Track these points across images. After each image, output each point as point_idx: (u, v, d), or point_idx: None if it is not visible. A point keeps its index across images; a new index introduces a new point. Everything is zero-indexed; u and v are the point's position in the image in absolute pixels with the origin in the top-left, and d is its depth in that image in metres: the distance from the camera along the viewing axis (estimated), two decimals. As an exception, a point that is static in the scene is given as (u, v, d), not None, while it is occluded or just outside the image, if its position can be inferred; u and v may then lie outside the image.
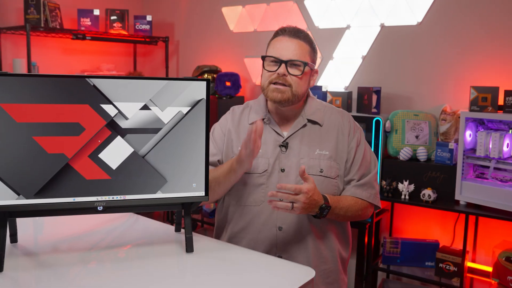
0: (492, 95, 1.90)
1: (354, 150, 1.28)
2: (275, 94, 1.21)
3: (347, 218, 1.27)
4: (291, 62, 1.20)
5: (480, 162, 1.97)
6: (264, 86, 1.24)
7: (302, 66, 1.21)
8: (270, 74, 1.22)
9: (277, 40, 1.24)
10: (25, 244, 1.09)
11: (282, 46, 1.22)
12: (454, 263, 2.00)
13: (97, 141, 1.00)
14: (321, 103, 1.33)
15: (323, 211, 1.17)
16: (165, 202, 1.06)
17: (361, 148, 1.29)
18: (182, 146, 1.05)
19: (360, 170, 1.28)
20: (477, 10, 2.16)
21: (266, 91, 1.24)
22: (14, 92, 0.94)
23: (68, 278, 0.94)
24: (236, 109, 1.37)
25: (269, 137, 1.27)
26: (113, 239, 1.18)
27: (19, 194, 0.96)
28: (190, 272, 1.02)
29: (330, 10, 2.61)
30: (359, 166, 1.28)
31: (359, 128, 1.33)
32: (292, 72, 1.21)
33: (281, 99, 1.21)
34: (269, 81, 1.22)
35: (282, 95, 1.21)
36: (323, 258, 1.26)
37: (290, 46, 1.21)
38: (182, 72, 3.40)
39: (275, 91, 1.21)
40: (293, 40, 1.22)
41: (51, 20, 2.74)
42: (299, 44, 1.22)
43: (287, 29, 1.24)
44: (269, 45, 1.26)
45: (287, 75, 1.20)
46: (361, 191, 1.27)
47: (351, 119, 1.33)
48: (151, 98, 1.03)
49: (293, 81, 1.21)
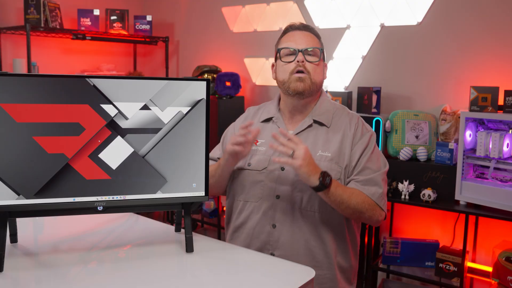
0: (492, 95, 1.90)
1: (360, 154, 1.23)
2: (298, 84, 1.23)
3: (350, 205, 1.16)
4: (307, 51, 1.24)
5: (480, 162, 1.97)
6: (285, 79, 1.26)
7: (318, 53, 1.26)
8: (289, 65, 1.25)
9: (289, 34, 1.29)
10: (25, 244, 1.09)
11: (295, 38, 1.26)
12: (454, 263, 2.00)
13: (97, 141, 1.00)
14: (333, 105, 1.32)
15: (325, 179, 1.11)
16: (165, 202, 1.05)
17: (368, 151, 1.24)
18: (182, 146, 1.05)
19: (364, 172, 1.22)
20: (477, 10, 2.16)
21: (288, 83, 1.25)
22: (14, 92, 0.94)
23: (68, 278, 0.94)
24: (251, 109, 1.42)
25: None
26: (113, 239, 1.18)
27: (19, 194, 0.95)
28: (190, 272, 1.02)
29: (330, 10, 2.61)
30: (362, 169, 1.22)
31: (368, 131, 1.28)
32: (310, 59, 1.24)
33: (304, 88, 1.23)
34: (290, 72, 1.25)
35: (304, 84, 1.23)
36: (317, 262, 1.22)
37: (302, 37, 1.26)
38: (182, 72, 3.40)
39: (298, 80, 1.23)
40: (304, 32, 1.28)
41: (51, 20, 2.74)
42: (310, 35, 1.28)
43: (296, 24, 1.29)
44: (280, 42, 1.30)
45: (305, 62, 1.24)
46: (364, 187, 1.20)
47: (360, 121, 1.30)
48: (151, 98, 1.03)
49: (311, 69, 1.24)
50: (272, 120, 1.32)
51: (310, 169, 1.12)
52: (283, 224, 1.23)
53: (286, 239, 1.23)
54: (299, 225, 1.23)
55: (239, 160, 1.24)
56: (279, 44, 1.30)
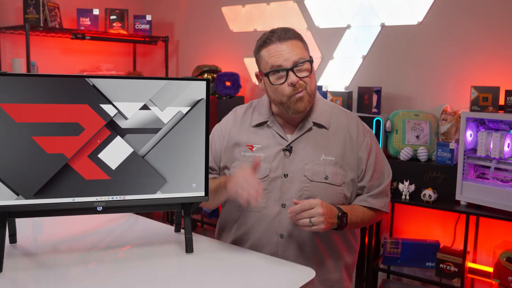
0: (493, 95, 1.89)
1: (366, 158, 1.22)
2: (298, 105, 1.16)
3: (363, 224, 1.24)
4: (296, 68, 1.14)
5: (481, 162, 1.96)
6: (283, 101, 1.16)
7: (307, 65, 1.16)
8: (283, 87, 1.15)
9: (271, 49, 1.16)
10: (25, 245, 1.09)
11: (278, 54, 1.14)
12: (455, 263, 2.00)
13: (96, 141, 1.00)
14: (328, 104, 1.28)
15: (342, 220, 1.12)
16: (164, 202, 1.05)
17: (373, 153, 1.24)
18: (182, 146, 1.05)
19: (374, 176, 1.23)
20: (478, 9, 2.15)
21: (287, 104, 1.16)
22: (13, 92, 0.93)
23: (67, 278, 0.94)
24: (239, 110, 1.33)
25: (272, 141, 1.23)
26: (112, 239, 1.17)
27: (18, 194, 0.95)
28: (190, 272, 1.01)
29: (330, 10, 2.60)
30: (373, 173, 1.23)
31: (368, 131, 1.27)
32: (301, 75, 1.15)
33: (305, 107, 1.17)
34: (287, 96, 1.15)
35: (304, 102, 1.16)
36: (326, 267, 1.22)
37: (288, 51, 1.14)
38: (182, 72, 3.40)
39: (299, 101, 1.15)
40: (287, 43, 1.15)
41: (51, 19, 2.73)
42: (293, 44, 1.15)
43: (275, 34, 1.17)
44: (261, 57, 1.19)
45: (298, 80, 1.14)
46: (377, 201, 1.24)
47: (360, 122, 1.27)
48: (151, 98, 1.02)
49: (306, 83, 1.16)
50: (267, 125, 1.24)
51: (330, 221, 1.11)
52: (292, 234, 1.18)
53: (295, 249, 1.19)
54: (308, 232, 1.18)
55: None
56: (260, 60, 1.19)
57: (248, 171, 1.10)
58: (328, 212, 1.10)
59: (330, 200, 1.17)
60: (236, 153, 1.25)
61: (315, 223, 1.07)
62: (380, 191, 1.24)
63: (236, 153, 1.25)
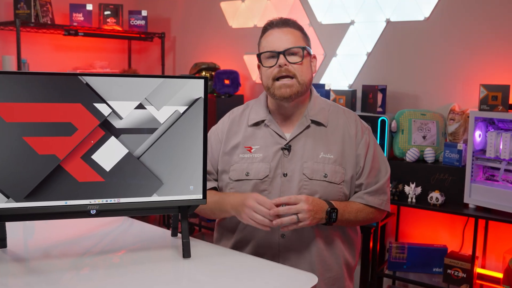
0: (502, 93, 1.86)
1: (364, 155, 1.23)
2: (283, 91, 1.17)
3: (357, 222, 1.24)
4: (288, 51, 1.17)
5: (490, 164, 1.94)
6: (269, 85, 1.20)
7: (300, 52, 1.19)
8: (271, 70, 1.19)
9: (267, 35, 1.22)
10: (15, 250, 1.08)
11: (274, 39, 1.20)
12: (463, 269, 1.97)
13: (90, 142, 0.98)
14: (325, 102, 1.29)
15: (331, 215, 1.14)
16: (161, 205, 1.04)
17: (371, 150, 1.25)
18: (179, 147, 1.03)
19: (371, 174, 1.24)
20: (486, 5, 2.12)
21: (272, 89, 1.20)
22: (3, 90, 0.93)
23: (60, 285, 0.92)
24: (236, 111, 1.34)
25: (270, 140, 1.23)
26: (107, 244, 1.16)
27: (9, 197, 0.94)
28: (187, 278, 1.01)
29: (333, 5, 2.56)
30: (370, 170, 1.24)
31: (367, 128, 1.28)
32: (292, 60, 1.17)
33: (291, 94, 1.17)
34: (273, 78, 1.18)
35: (291, 89, 1.17)
36: (328, 265, 1.23)
37: (282, 37, 1.19)
38: (179, 69, 3.37)
39: (282, 87, 1.18)
40: (284, 30, 1.20)
41: (42, 15, 2.70)
42: (290, 31, 1.20)
43: (274, 21, 1.22)
44: (260, 43, 1.24)
45: (288, 65, 1.17)
46: (373, 198, 1.24)
47: (358, 119, 1.28)
48: (147, 97, 1.01)
49: (296, 70, 1.18)
50: (264, 124, 1.25)
51: (318, 217, 1.13)
52: (293, 233, 1.19)
53: (297, 248, 1.20)
54: (309, 231, 1.20)
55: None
56: (259, 46, 1.24)
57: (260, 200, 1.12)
58: (315, 207, 1.12)
59: (330, 198, 1.19)
60: (234, 156, 1.25)
61: (301, 219, 1.11)
62: (377, 189, 1.24)
63: (235, 156, 1.25)
